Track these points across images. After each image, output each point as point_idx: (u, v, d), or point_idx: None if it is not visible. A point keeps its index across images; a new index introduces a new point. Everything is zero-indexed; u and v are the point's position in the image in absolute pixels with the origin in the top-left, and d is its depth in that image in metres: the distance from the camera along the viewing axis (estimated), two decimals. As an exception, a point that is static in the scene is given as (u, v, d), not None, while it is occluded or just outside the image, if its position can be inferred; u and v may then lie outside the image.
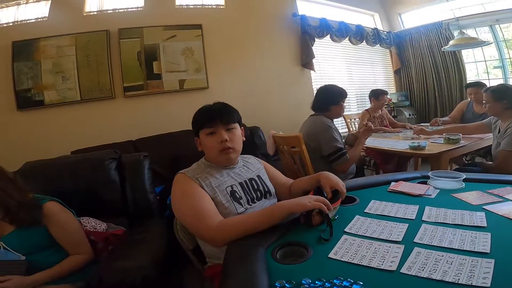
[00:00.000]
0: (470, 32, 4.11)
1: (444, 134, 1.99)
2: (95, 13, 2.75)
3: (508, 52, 4.09)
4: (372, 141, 1.84)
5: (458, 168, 2.13)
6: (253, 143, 2.75)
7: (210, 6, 3.23)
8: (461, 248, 0.64)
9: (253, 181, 1.06)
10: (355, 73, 4.47)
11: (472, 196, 0.93)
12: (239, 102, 3.05)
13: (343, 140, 1.85)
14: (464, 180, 1.04)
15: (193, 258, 1.04)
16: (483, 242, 0.65)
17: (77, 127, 2.57)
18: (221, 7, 3.28)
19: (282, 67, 3.62)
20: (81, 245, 1.12)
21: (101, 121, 2.64)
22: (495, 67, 4.30)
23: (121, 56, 2.68)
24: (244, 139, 1.09)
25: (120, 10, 2.83)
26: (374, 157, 2.73)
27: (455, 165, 2.64)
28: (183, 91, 2.93)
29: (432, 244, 0.67)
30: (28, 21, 2.53)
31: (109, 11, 2.80)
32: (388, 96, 3.14)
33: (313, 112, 1.92)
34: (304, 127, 1.90)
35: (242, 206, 0.97)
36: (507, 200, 0.89)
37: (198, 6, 3.17)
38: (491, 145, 1.90)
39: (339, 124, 3.92)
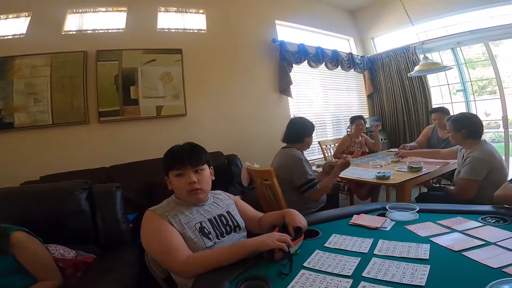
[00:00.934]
0: (435, 55, 4.32)
1: (407, 162, 2.13)
2: (73, 32, 2.71)
3: (468, 73, 4.23)
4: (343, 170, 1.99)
5: (424, 193, 2.24)
6: (230, 172, 2.71)
7: (191, 31, 3.28)
8: (401, 282, 0.69)
9: (222, 217, 1.11)
10: (331, 98, 4.58)
11: (422, 228, 1.01)
12: (217, 129, 3.19)
13: (321, 166, 1.94)
14: (419, 211, 1.13)
15: (164, 287, 1.06)
16: (421, 275, 0.71)
17: (48, 152, 2.46)
18: (203, 31, 3.34)
19: (261, 94, 3.66)
20: (50, 271, 1.12)
21: (73, 147, 2.54)
22: (457, 91, 4.46)
23: (98, 79, 2.61)
24: (213, 178, 1.15)
25: (100, 31, 2.80)
26: (347, 182, 2.83)
27: (424, 188, 2.77)
28: (160, 118, 2.88)
29: (377, 278, 0.72)
30: (4, 37, 2.47)
31: (88, 32, 2.77)
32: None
33: (284, 144, 2.00)
34: (276, 159, 1.97)
35: (211, 240, 1.01)
36: (454, 231, 0.96)
37: (180, 30, 3.21)
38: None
39: (315, 150, 4.01)
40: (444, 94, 4.52)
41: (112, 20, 2.88)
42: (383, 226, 1.06)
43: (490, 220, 1.03)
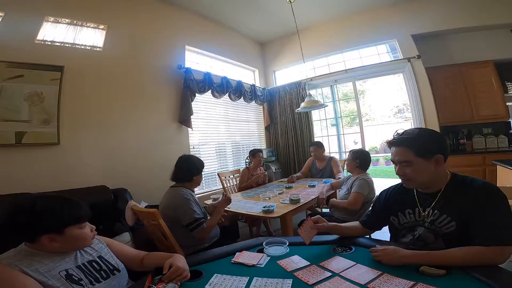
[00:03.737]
0: (319, 91, 5.10)
1: (289, 195, 2.44)
2: None
3: (340, 109, 5.15)
4: (234, 204, 2.10)
5: (304, 219, 2.59)
6: (116, 208, 2.45)
7: (82, 47, 2.90)
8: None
9: (93, 263, 1.05)
10: (232, 129, 4.74)
11: (289, 262, 1.14)
12: (101, 161, 2.89)
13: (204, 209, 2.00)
14: (289, 244, 1.28)
15: None
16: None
17: None
18: (97, 49, 3.01)
19: (159, 123, 3.50)
20: None
21: None
22: (332, 125, 5.33)
23: None
24: None
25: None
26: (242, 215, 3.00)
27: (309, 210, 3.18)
28: (21, 146, 2.35)
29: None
30: None
31: None
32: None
33: (172, 182, 2.00)
34: (164, 199, 1.95)
35: (84, 287, 0.94)
36: (312, 263, 1.11)
37: (67, 45, 2.78)
38: None
39: (216, 181, 4.06)
40: (323, 127, 5.35)
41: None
42: (259, 263, 1.16)
43: (339, 249, 1.24)
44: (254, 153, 3.49)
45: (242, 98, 4.72)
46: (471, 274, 0.90)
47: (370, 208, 1.45)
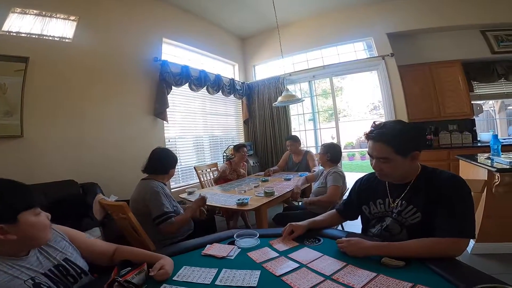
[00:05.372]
0: (297, 87, 5.16)
1: (264, 188, 2.47)
2: None
3: (317, 104, 5.27)
4: (210, 198, 2.13)
5: (279, 213, 2.60)
6: (85, 203, 2.34)
7: (50, 38, 2.74)
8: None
9: (60, 267, 0.93)
10: (210, 123, 4.71)
11: (260, 254, 1.16)
12: (68, 154, 2.78)
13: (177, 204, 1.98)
14: (260, 236, 1.30)
15: None
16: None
17: None
18: (66, 40, 2.85)
19: (133, 116, 3.41)
20: None
21: None
22: (310, 120, 5.43)
23: None
24: None
25: None
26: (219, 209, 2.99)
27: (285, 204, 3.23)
28: None
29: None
30: None
31: None
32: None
33: (144, 175, 1.97)
34: (135, 192, 1.92)
35: None
36: (281, 255, 1.13)
37: (34, 36, 2.63)
38: None
39: (193, 175, 4.01)
40: (300, 122, 5.44)
41: None
42: (229, 254, 1.16)
43: (308, 241, 1.25)
44: (238, 148, 3.46)
45: (220, 91, 4.68)
46: (428, 266, 0.92)
47: (346, 197, 1.46)
